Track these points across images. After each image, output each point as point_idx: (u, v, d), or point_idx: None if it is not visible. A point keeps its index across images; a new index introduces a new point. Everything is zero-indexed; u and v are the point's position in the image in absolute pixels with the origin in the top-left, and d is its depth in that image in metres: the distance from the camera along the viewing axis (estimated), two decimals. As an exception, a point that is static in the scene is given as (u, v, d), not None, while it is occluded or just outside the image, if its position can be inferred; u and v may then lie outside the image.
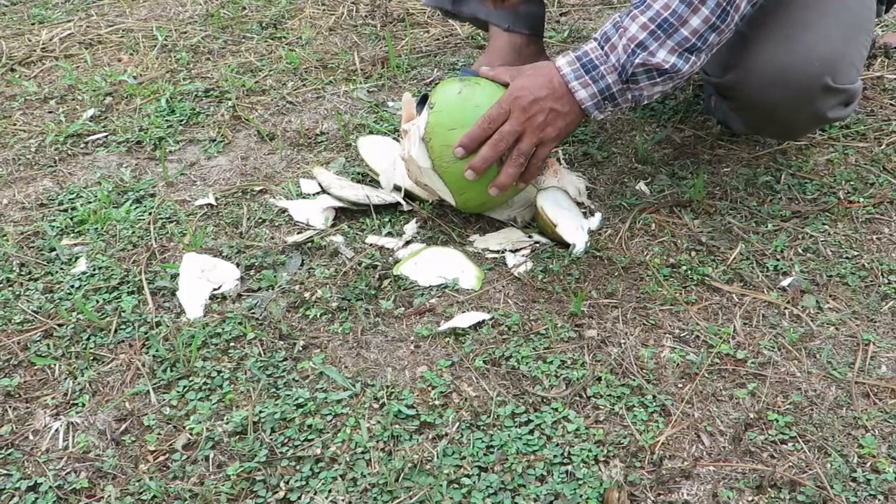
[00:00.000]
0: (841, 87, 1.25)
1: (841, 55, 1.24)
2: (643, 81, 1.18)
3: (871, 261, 1.25)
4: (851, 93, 1.28)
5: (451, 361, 1.09)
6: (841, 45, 1.25)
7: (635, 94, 1.20)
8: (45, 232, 1.36)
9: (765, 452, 0.97)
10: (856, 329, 1.13)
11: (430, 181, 1.27)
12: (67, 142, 1.62)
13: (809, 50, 1.23)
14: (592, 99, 1.19)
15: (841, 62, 1.24)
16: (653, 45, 1.15)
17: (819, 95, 1.25)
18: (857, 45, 1.29)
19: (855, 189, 1.40)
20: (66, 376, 1.10)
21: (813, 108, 1.27)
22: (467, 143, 1.21)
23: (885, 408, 1.02)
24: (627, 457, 0.97)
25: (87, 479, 0.96)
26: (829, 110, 1.28)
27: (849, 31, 1.27)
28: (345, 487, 0.93)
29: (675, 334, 1.14)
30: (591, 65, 1.18)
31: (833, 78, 1.23)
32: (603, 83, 1.18)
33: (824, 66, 1.23)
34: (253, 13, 2.14)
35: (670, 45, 1.15)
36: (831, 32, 1.25)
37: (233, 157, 1.56)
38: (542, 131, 1.20)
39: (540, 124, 1.19)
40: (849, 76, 1.26)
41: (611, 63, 1.17)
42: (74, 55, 1.98)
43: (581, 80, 1.19)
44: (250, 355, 1.11)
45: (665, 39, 1.15)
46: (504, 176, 1.22)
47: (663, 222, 1.33)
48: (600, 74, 1.18)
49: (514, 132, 1.20)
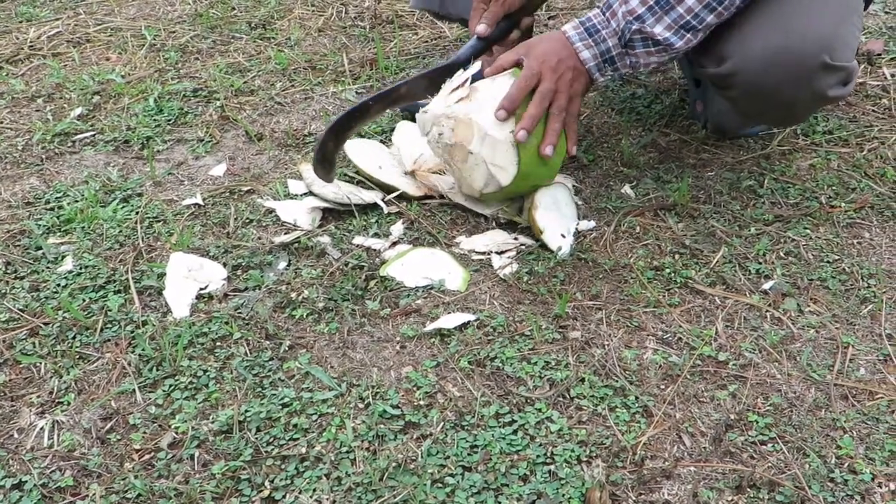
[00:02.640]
0: (839, 65, 1.26)
1: (835, 34, 1.26)
2: (639, 48, 1.25)
3: (851, 265, 1.26)
4: (850, 70, 1.29)
5: (436, 362, 1.10)
6: (834, 25, 1.27)
7: (633, 61, 1.27)
8: (31, 230, 1.36)
9: (745, 453, 0.98)
10: (835, 332, 1.15)
11: (493, 153, 1.26)
12: (55, 140, 1.62)
13: (804, 30, 1.25)
14: (594, 60, 1.27)
15: (836, 41, 1.26)
16: (649, 19, 1.22)
17: (818, 73, 1.26)
18: (850, 25, 1.31)
19: (837, 194, 1.42)
20: (51, 375, 1.10)
21: (813, 88, 1.28)
22: (508, 105, 1.26)
23: (862, 409, 1.04)
24: (610, 457, 0.98)
25: (72, 477, 0.96)
26: (829, 89, 1.29)
27: (840, 12, 1.29)
28: (329, 486, 0.94)
29: (658, 336, 1.15)
30: (594, 29, 1.26)
31: (830, 55, 1.25)
32: (604, 46, 1.26)
33: (820, 44, 1.25)
34: (242, 13, 2.15)
35: (667, 21, 1.21)
36: (824, 13, 1.27)
37: (220, 156, 1.57)
38: (571, 87, 1.28)
39: (569, 80, 1.27)
40: (845, 54, 1.28)
41: (612, 28, 1.25)
42: (62, 53, 1.98)
43: (584, 42, 1.26)
44: (236, 355, 1.12)
45: (662, 15, 1.21)
46: (552, 132, 1.28)
47: (648, 225, 1.35)
48: (602, 38, 1.25)
49: (551, 90, 1.26)
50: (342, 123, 1.35)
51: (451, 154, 1.29)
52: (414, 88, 1.39)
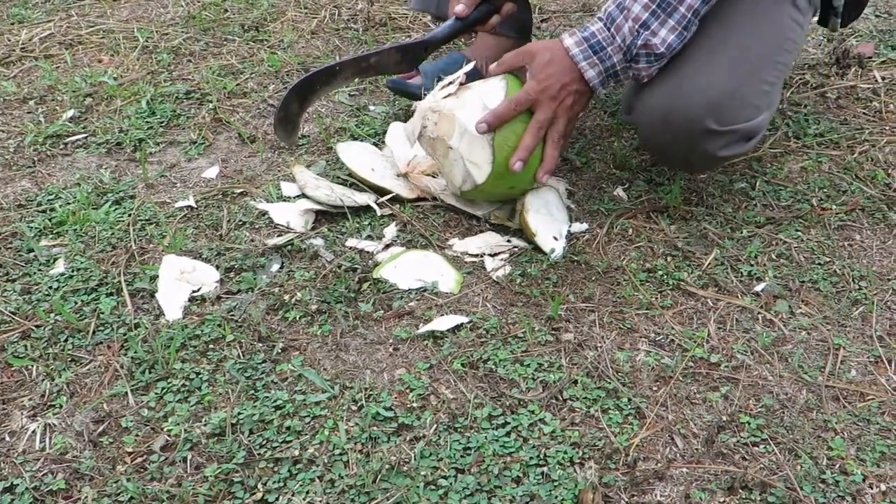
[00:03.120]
0: (725, 130, 1.26)
1: (730, 96, 1.25)
2: (643, 62, 1.24)
3: (842, 267, 1.27)
4: (746, 130, 1.29)
5: (429, 364, 1.10)
6: (730, 86, 1.25)
7: (635, 73, 1.26)
8: (23, 233, 1.35)
9: (737, 454, 0.99)
10: (827, 334, 1.16)
11: (470, 149, 1.26)
12: (47, 142, 1.61)
13: (693, 94, 1.25)
14: (599, 77, 1.26)
15: (729, 103, 1.25)
16: (654, 23, 1.21)
17: (704, 138, 1.27)
18: (756, 81, 1.28)
19: (828, 196, 1.42)
20: (43, 377, 1.10)
21: (701, 150, 1.30)
22: (492, 120, 1.25)
23: (854, 411, 1.04)
24: (602, 458, 0.98)
25: (64, 480, 0.96)
26: (720, 150, 1.29)
27: (744, 69, 1.27)
28: (322, 489, 0.94)
29: (651, 338, 1.15)
30: (599, 46, 1.24)
31: (718, 120, 1.25)
32: (609, 62, 1.25)
33: (707, 109, 1.25)
34: (235, 16, 2.15)
35: (671, 23, 1.21)
36: (719, 74, 1.25)
37: (213, 159, 1.57)
38: (571, 110, 1.27)
39: (570, 105, 1.27)
40: (740, 115, 1.27)
41: (617, 44, 1.23)
42: (54, 55, 1.97)
43: (589, 61, 1.25)
44: (229, 357, 1.12)
45: (666, 18, 1.21)
46: (549, 160, 1.28)
47: (640, 228, 1.35)
48: (608, 55, 1.24)
49: (548, 119, 1.26)
50: (306, 84, 1.35)
51: (434, 148, 1.30)
52: (385, 60, 1.40)
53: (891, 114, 1.65)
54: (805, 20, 1.36)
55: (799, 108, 1.68)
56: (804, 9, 1.34)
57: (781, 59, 1.31)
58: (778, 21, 1.31)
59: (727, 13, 1.28)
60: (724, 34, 1.27)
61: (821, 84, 1.76)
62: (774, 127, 1.62)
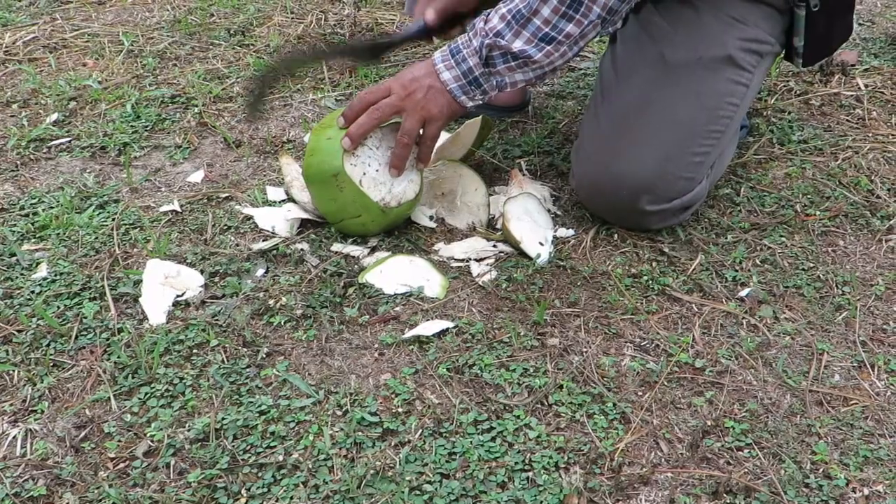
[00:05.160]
0: (656, 209, 1.28)
1: (658, 177, 1.26)
2: (500, 65, 1.22)
3: (826, 272, 1.28)
4: (681, 204, 1.29)
5: (414, 369, 1.10)
6: (656, 168, 1.26)
7: (498, 80, 1.24)
8: (5, 237, 1.34)
9: (721, 459, 0.99)
10: (810, 339, 1.16)
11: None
12: (30, 146, 1.60)
13: (619, 178, 1.27)
14: (457, 81, 1.24)
15: (658, 184, 1.26)
16: (508, 34, 1.20)
17: (636, 215, 1.30)
18: (686, 155, 1.27)
19: (812, 202, 1.43)
20: (24, 383, 1.09)
21: (636, 223, 1.33)
22: (349, 114, 1.26)
23: (837, 415, 1.05)
24: (587, 463, 0.98)
25: (45, 486, 0.95)
26: (656, 223, 1.32)
27: (672, 147, 1.26)
28: (307, 494, 0.93)
29: (636, 343, 1.15)
30: (457, 49, 1.24)
31: (649, 200, 1.27)
32: (465, 66, 1.23)
33: (635, 192, 1.26)
34: (221, 20, 2.14)
35: (526, 35, 1.19)
36: (644, 157, 1.26)
37: (198, 163, 1.56)
38: (424, 108, 1.24)
39: (420, 100, 1.24)
40: (671, 191, 1.27)
41: (473, 47, 1.22)
42: (38, 59, 1.96)
43: (446, 63, 1.24)
44: (213, 362, 1.11)
45: (520, 30, 1.19)
46: (394, 157, 1.27)
47: (626, 233, 1.35)
48: (462, 58, 1.23)
49: (394, 105, 1.24)
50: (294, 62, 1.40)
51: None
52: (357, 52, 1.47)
53: (873, 121, 1.66)
54: (755, 73, 1.32)
55: (783, 115, 1.69)
56: (750, 64, 1.30)
57: (716, 127, 1.29)
58: (711, 88, 1.28)
59: (657, 85, 1.28)
60: (652, 108, 1.27)
61: (805, 91, 1.78)
62: (759, 133, 1.63)
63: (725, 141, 1.33)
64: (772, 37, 1.33)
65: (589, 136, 1.33)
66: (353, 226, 1.30)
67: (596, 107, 1.33)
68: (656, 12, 1.31)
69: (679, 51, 1.28)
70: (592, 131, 1.33)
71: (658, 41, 1.29)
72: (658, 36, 1.30)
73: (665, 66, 1.28)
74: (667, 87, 1.28)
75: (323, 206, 1.31)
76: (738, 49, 1.29)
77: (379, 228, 1.31)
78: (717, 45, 1.28)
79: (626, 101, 1.29)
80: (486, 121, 1.46)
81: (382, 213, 1.28)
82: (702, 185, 1.31)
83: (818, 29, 1.35)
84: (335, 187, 1.25)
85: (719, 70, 1.28)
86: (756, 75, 1.33)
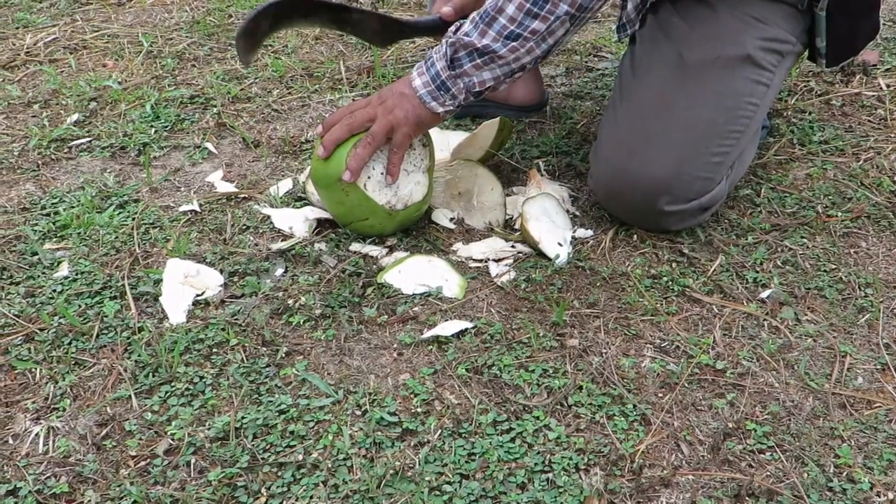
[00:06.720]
0: (675, 210, 1.27)
1: (675, 177, 1.25)
2: (467, 64, 1.22)
3: (848, 274, 1.27)
4: (699, 205, 1.28)
5: (433, 369, 1.10)
6: (673, 168, 1.25)
7: (466, 81, 1.23)
8: (27, 236, 1.35)
9: (743, 462, 0.98)
10: (833, 341, 1.15)
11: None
12: (51, 146, 1.61)
13: (637, 179, 1.26)
14: (426, 87, 1.24)
15: (675, 184, 1.25)
16: (474, 34, 1.20)
17: (654, 216, 1.29)
18: (704, 155, 1.26)
19: (833, 203, 1.42)
20: (46, 381, 1.09)
21: (655, 224, 1.32)
22: (326, 123, 1.28)
23: (860, 418, 1.04)
24: (608, 465, 0.97)
25: (67, 483, 0.95)
26: (675, 224, 1.31)
27: (689, 147, 1.25)
28: (326, 494, 0.93)
29: (656, 344, 1.15)
30: (429, 56, 1.25)
31: (667, 200, 1.26)
32: (433, 70, 1.23)
33: (653, 193, 1.26)
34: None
35: (492, 34, 1.19)
36: (661, 158, 1.25)
37: (217, 163, 1.56)
38: (391, 114, 1.24)
39: (389, 106, 1.24)
40: (689, 192, 1.26)
41: (441, 52, 1.23)
42: (59, 60, 1.97)
43: (419, 70, 1.25)
44: (233, 361, 1.11)
45: (486, 29, 1.19)
46: (352, 158, 1.24)
47: (645, 234, 1.35)
48: (432, 63, 1.24)
49: (367, 114, 1.25)
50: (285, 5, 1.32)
51: None
52: (365, 23, 1.40)
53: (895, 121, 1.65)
54: (776, 72, 1.31)
55: (804, 115, 1.68)
56: (771, 63, 1.29)
57: (735, 127, 1.28)
58: (730, 88, 1.27)
59: (675, 85, 1.27)
60: (669, 108, 1.26)
61: (825, 91, 1.76)
62: (779, 134, 1.62)
63: (745, 141, 1.32)
64: (793, 36, 1.32)
65: (607, 137, 1.33)
66: (362, 228, 1.31)
67: (614, 107, 1.33)
68: (675, 12, 1.30)
69: (697, 50, 1.27)
70: (610, 131, 1.32)
71: (676, 41, 1.29)
72: (676, 36, 1.29)
73: (683, 66, 1.27)
74: (685, 87, 1.27)
75: (332, 209, 1.32)
76: (758, 48, 1.28)
77: (388, 230, 1.31)
78: (736, 45, 1.27)
79: (643, 102, 1.29)
80: (505, 122, 1.46)
81: (389, 216, 1.28)
82: (721, 185, 1.31)
83: (840, 29, 1.34)
84: (341, 191, 1.26)
85: (738, 70, 1.27)
86: (777, 75, 1.32)
